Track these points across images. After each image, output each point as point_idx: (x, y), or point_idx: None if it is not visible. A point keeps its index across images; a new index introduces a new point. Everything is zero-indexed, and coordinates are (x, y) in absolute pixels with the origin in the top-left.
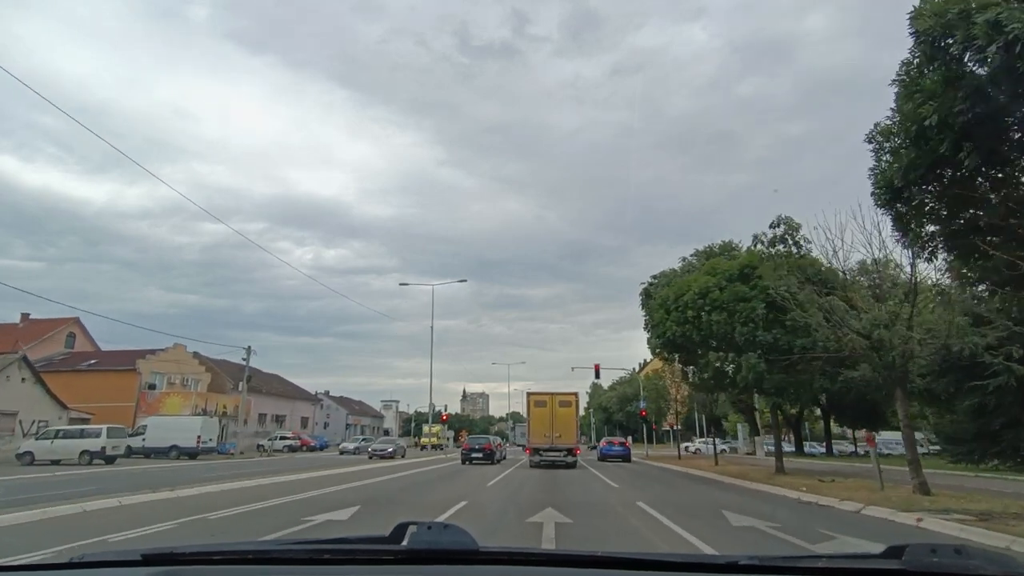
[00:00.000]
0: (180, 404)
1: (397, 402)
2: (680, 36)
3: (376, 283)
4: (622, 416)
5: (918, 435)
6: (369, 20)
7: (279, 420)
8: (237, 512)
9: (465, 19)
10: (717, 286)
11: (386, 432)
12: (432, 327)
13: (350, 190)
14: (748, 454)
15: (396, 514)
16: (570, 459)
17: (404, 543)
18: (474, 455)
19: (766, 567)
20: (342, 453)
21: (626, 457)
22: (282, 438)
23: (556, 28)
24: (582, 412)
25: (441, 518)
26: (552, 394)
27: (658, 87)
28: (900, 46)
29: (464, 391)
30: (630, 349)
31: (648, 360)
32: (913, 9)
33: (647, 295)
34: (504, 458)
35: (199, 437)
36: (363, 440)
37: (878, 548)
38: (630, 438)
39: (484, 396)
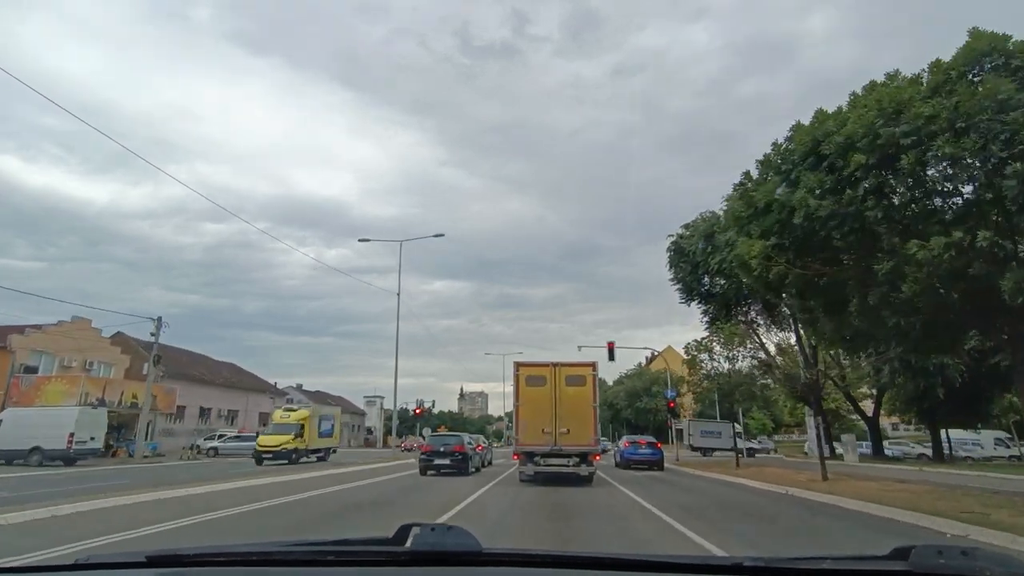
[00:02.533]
0: (64, 392)
1: (381, 398)
2: (681, 37)
3: (377, 282)
4: (630, 413)
5: (995, 434)
6: (371, 21)
7: (230, 416)
8: None
9: (466, 19)
10: (922, 96)
11: (369, 432)
12: (399, 294)
13: (352, 190)
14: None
15: None
16: (584, 470)
17: (407, 544)
18: (438, 462)
19: (771, 568)
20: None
21: (657, 463)
22: (221, 436)
23: (557, 28)
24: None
25: None
26: (555, 365)
27: (659, 87)
28: (900, 45)
29: (461, 390)
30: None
31: (657, 353)
32: None
33: (677, 251)
34: (489, 463)
35: (71, 435)
36: (219, 437)
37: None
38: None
39: (483, 395)
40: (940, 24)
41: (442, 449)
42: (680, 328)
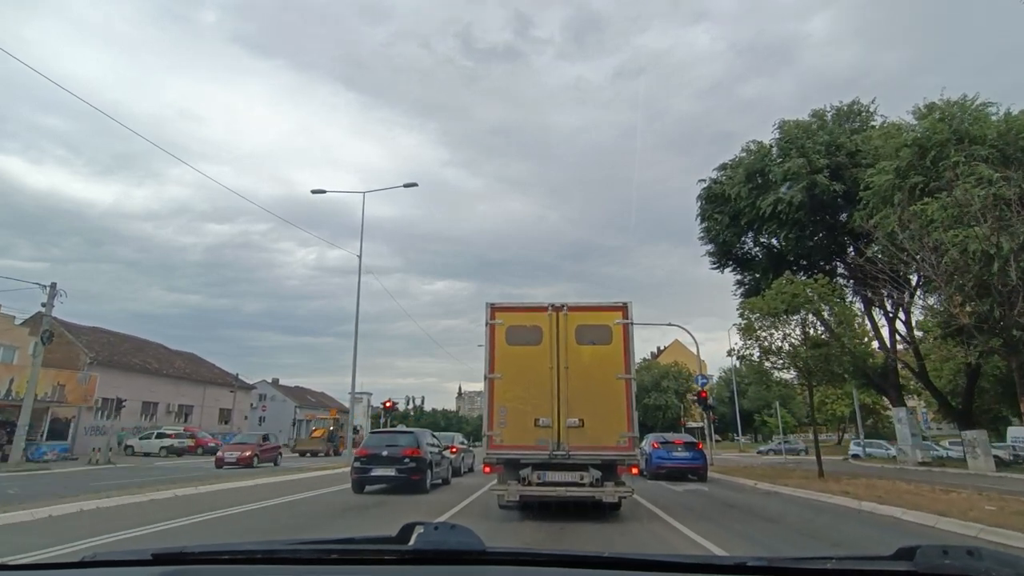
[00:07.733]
0: None
1: (369, 395)
2: (683, 39)
3: (377, 283)
4: (638, 410)
5: None
6: (374, 23)
7: (182, 411)
8: None
9: (469, 22)
10: None
11: (355, 430)
12: (361, 256)
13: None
14: (923, 465)
15: None
16: (609, 493)
17: (411, 543)
18: (379, 473)
19: (775, 568)
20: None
21: (699, 471)
22: (160, 435)
23: (559, 31)
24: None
25: None
26: (559, 308)
27: (660, 89)
28: (901, 46)
29: (460, 389)
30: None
31: (663, 348)
32: None
33: (711, 198)
34: (469, 470)
35: None
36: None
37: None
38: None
39: (482, 395)
40: (941, 25)
41: (385, 454)
42: (680, 328)
